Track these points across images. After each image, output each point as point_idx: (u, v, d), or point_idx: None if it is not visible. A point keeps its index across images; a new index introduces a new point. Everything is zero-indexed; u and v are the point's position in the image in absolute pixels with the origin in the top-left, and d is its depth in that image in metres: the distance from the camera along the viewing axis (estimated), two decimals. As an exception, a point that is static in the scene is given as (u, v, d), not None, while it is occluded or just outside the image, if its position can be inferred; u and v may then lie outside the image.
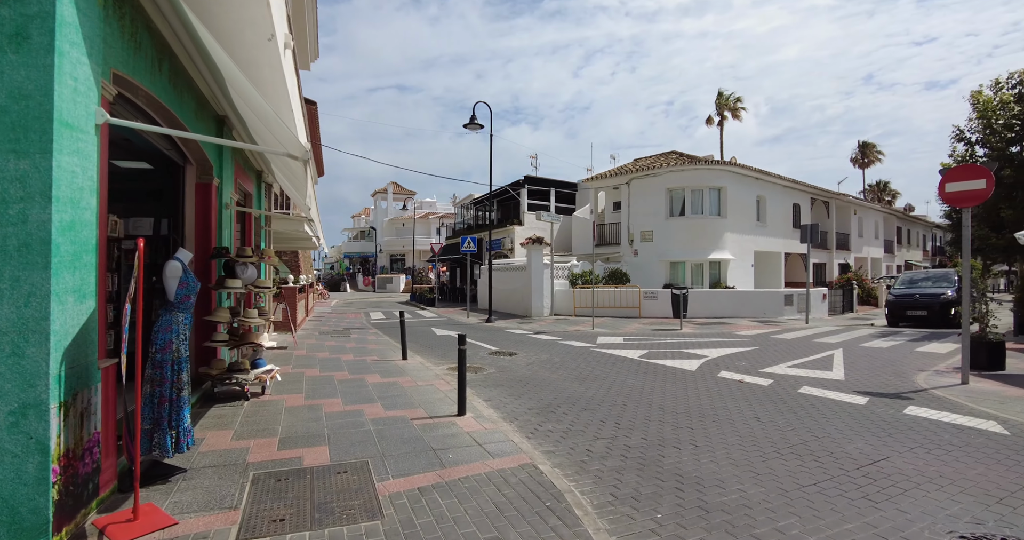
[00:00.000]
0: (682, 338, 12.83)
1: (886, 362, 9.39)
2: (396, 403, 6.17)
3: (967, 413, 5.99)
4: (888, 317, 16.42)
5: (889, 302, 16.58)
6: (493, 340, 12.65)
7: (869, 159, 61.12)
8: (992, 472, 4.25)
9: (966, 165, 7.56)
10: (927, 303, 15.54)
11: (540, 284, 18.47)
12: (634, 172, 21.56)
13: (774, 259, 24.09)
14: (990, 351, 8.54)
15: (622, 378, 8.03)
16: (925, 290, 16.14)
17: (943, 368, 8.71)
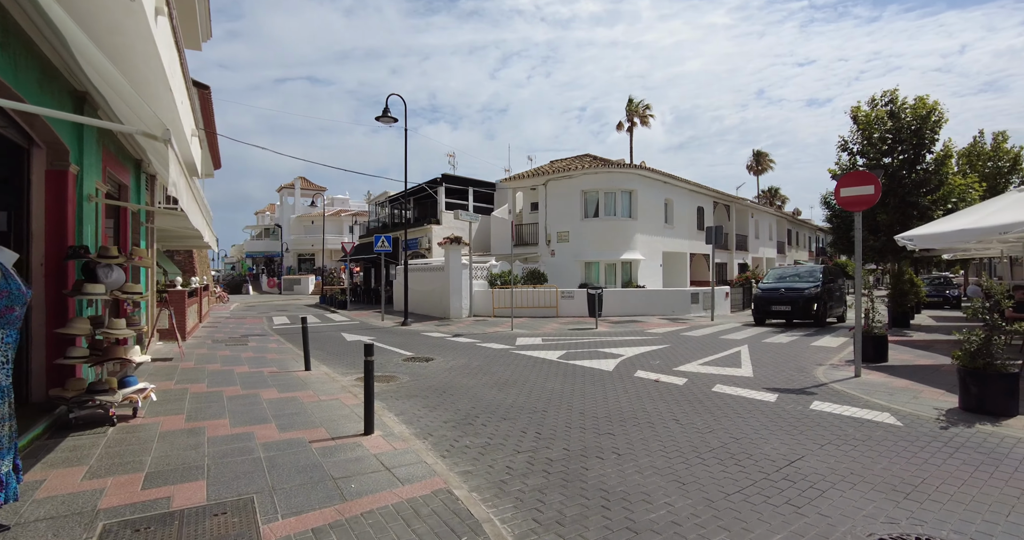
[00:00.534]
0: (598, 337, 12.90)
1: (787, 357, 9.89)
2: (294, 422, 5.49)
3: (864, 406, 6.31)
4: (754, 313, 16.08)
5: (756, 297, 16.25)
6: (408, 344, 12.04)
7: (762, 167, 66.31)
8: (895, 466, 4.38)
9: (858, 172, 8.05)
10: (791, 298, 15.23)
11: (459, 285, 18.01)
12: (551, 174, 21.67)
13: (680, 259, 25.21)
14: (875, 345, 9.21)
15: (542, 382, 7.79)
16: (790, 285, 15.94)
17: (837, 362, 9.29)
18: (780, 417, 5.86)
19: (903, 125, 15.15)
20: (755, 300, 16.21)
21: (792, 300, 15.25)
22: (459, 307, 18.02)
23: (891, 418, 5.80)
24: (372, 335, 14.06)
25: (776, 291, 15.82)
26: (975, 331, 6.12)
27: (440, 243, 18.20)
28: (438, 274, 19.09)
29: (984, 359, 5.89)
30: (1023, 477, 4.15)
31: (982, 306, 5.99)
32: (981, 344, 5.94)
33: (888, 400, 6.54)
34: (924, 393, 6.88)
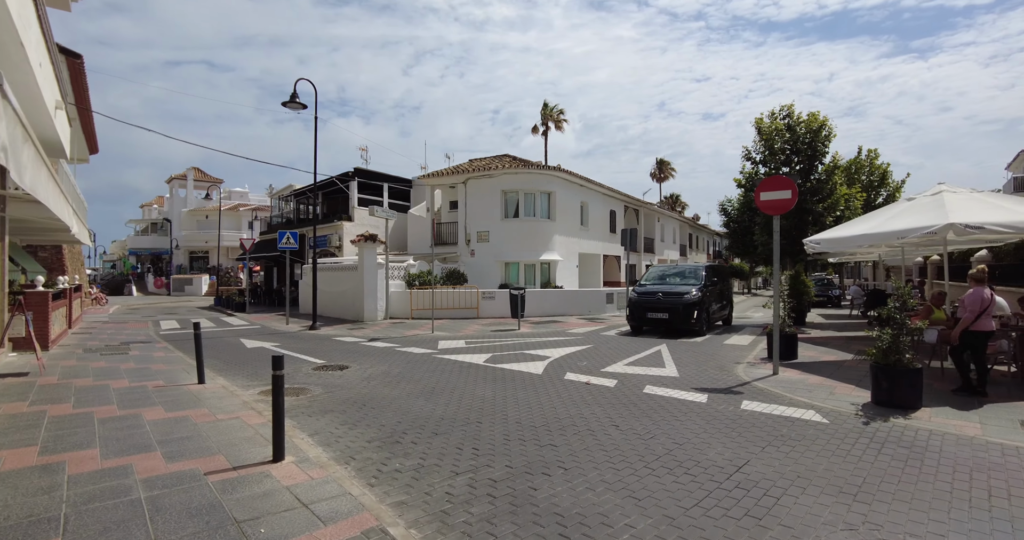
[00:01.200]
0: (522, 338, 12.64)
1: (706, 356, 10.14)
2: (185, 449, 4.61)
3: (789, 404, 6.46)
4: (630, 320, 13.79)
5: (631, 302, 13.82)
6: (319, 351, 11.06)
7: (665, 174, 70.14)
8: (835, 466, 4.40)
9: (777, 177, 8.36)
10: (670, 304, 13.07)
11: (374, 285, 17.03)
12: (471, 172, 21.21)
13: (594, 260, 25.74)
14: (787, 343, 9.66)
15: (471, 388, 7.31)
16: (670, 288, 13.72)
17: (753, 360, 9.63)
18: (716, 419, 5.82)
19: (799, 137, 16.31)
20: (630, 305, 13.74)
21: (671, 307, 13.02)
22: (374, 309, 17.05)
23: (816, 415, 5.95)
24: (276, 341, 12.83)
25: (653, 296, 13.51)
26: (885, 330, 6.47)
27: (353, 241, 17.13)
28: (351, 274, 17.97)
29: (895, 356, 6.22)
30: (946, 471, 4.30)
31: (894, 307, 6.32)
32: (891, 342, 6.27)
33: (809, 397, 6.77)
34: (837, 389, 7.22)
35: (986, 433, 5.26)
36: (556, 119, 49.92)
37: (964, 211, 7.54)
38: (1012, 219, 7.36)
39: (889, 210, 9.10)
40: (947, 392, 6.95)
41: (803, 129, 16.33)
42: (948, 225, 7.23)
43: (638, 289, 14.32)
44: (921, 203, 8.59)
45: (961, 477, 4.17)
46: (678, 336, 12.82)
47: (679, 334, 13.09)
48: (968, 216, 7.32)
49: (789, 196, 8.19)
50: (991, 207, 7.79)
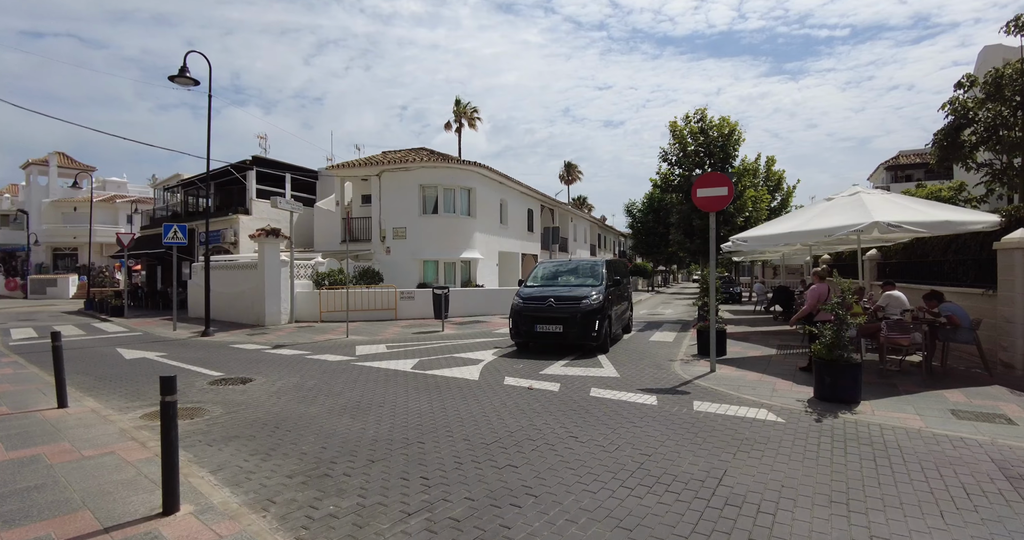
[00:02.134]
0: (449, 341, 11.87)
1: (638, 354, 9.98)
2: (31, 507, 3.44)
3: (738, 403, 6.30)
4: (514, 334, 10.42)
5: (514, 310, 10.49)
6: (215, 361, 9.61)
7: (572, 177, 71.98)
8: (811, 470, 4.16)
9: (713, 173, 8.32)
10: (564, 314, 9.91)
11: (277, 285, 15.40)
12: (386, 164, 19.99)
13: (513, 259, 25.43)
14: (718, 339, 9.71)
15: (404, 401, 6.49)
16: (563, 292, 10.53)
17: (685, 357, 9.59)
18: (673, 423, 5.48)
19: (712, 140, 16.93)
20: (513, 315, 10.42)
21: (566, 318, 9.86)
22: (277, 312, 15.43)
23: (771, 415, 5.81)
24: (162, 350, 11.08)
25: (543, 302, 10.23)
26: (826, 326, 6.52)
27: (253, 236, 15.40)
28: (250, 273, 16.16)
29: (838, 352, 6.27)
30: (915, 469, 4.21)
31: (837, 304, 6.37)
32: (834, 339, 6.32)
33: (754, 394, 6.68)
34: (777, 385, 7.22)
35: (928, 424, 5.35)
36: (470, 117, 49.26)
37: (884, 211, 7.88)
38: (923, 219, 7.80)
39: (810, 210, 9.45)
40: (873, 383, 7.19)
41: (715, 133, 16.97)
42: (873, 224, 7.49)
43: (523, 293, 10.69)
44: (840, 203, 8.95)
45: (932, 476, 4.07)
46: (577, 354, 9.84)
47: (577, 351, 10.09)
48: (889, 215, 7.65)
49: (725, 193, 8.16)
50: (904, 208, 8.23)
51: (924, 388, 6.96)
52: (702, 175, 8.44)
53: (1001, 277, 8.02)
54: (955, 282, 9.85)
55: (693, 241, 16.96)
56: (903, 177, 41.65)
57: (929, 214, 8.02)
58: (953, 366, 8.24)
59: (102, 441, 4.76)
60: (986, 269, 8.86)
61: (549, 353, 10.06)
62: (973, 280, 9.14)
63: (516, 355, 9.89)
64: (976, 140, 10.67)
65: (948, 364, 8.12)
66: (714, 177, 8.28)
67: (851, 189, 9.36)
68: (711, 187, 8.25)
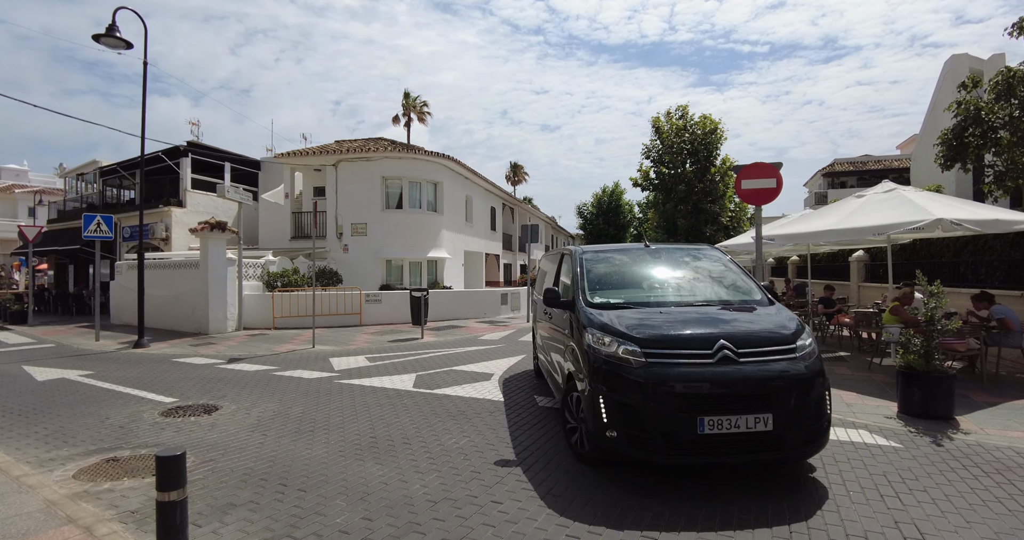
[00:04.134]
0: (435, 350, 10.45)
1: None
2: None
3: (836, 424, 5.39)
4: (596, 426, 3.83)
5: (610, 373, 3.85)
6: (160, 382, 7.75)
7: (519, 178, 71.39)
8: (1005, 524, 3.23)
9: (760, 163, 7.46)
10: (769, 381, 3.71)
11: (223, 287, 13.34)
12: (343, 153, 18.13)
13: (478, 259, 24.13)
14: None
15: (429, 433, 5.12)
16: (727, 320, 4.27)
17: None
18: (789, 456, 4.44)
19: (696, 138, 16.39)
20: (608, 385, 3.83)
21: (774, 393, 3.70)
22: (223, 318, 13.37)
23: (878, 437, 4.93)
24: (86, 367, 8.99)
25: (701, 347, 3.84)
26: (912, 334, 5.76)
27: (195, 230, 13.26)
28: (190, 273, 13.97)
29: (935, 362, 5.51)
30: None
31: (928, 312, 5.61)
32: (926, 348, 5.55)
33: (837, 411, 5.81)
34: (846, 398, 6.41)
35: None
36: (419, 111, 47.32)
37: (941, 208, 7.32)
38: (979, 217, 7.29)
39: (842, 207, 8.83)
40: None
41: (699, 130, 16.45)
42: (937, 221, 6.88)
43: (616, 322, 4.24)
44: (878, 200, 8.38)
45: None
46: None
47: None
48: (949, 213, 7.08)
49: (774, 185, 7.33)
50: (952, 207, 7.72)
51: (1001, 397, 6.36)
52: (747, 166, 7.56)
53: (1046, 278, 7.66)
54: (974, 284, 9.56)
55: (678, 241, 16.34)
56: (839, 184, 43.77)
57: (979, 213, 7.53)
58: (996, 371, 7.78)
59: (17, 527, 3.12)
60: (1016, 270, 8.56)
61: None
62: (1003, 281, 8.82)
63: (527, 367, 8.66)
64: (976, 142, 10.52)
65: (997, 371, 7.66)
66: (761, 168, 7.42)
67: (886, 185, 8.83)
68: (757, 179, 7.39)
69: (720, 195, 16.46)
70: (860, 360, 8.94)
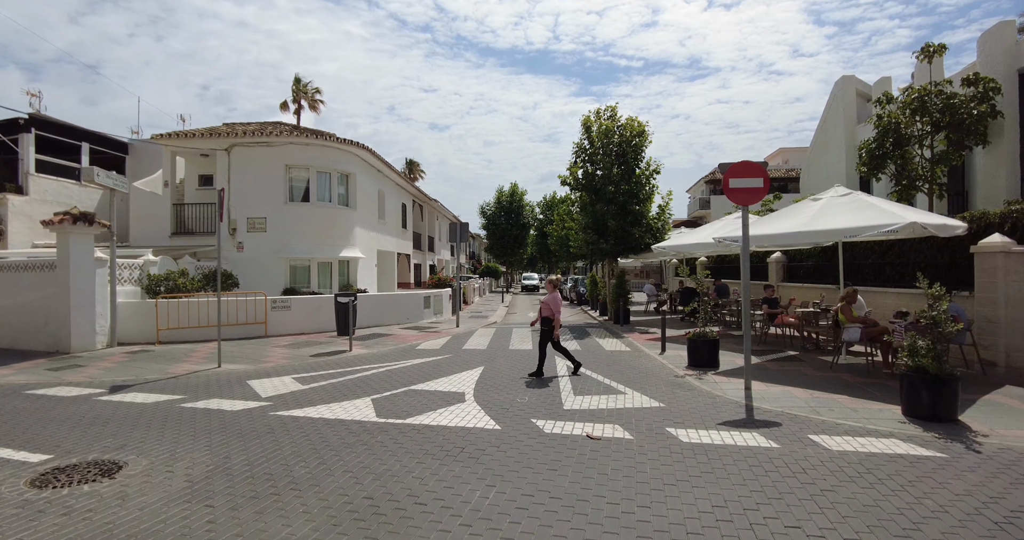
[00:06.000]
0: (375, 366, 9.07)
1: (630, 370, 8.51)
2: None
3: (851, 433, 5.10)
4: None
5: None
6: (16, 428, 5.70)
7: (415, 175, 69.32)
8: None
9: (747, 162, 7.16)
10: None
11: (90, 293, 10.72)
12: (238, 137, 15.70)
13: (390, 259, 22.49)
14: (710, 350, 8.68)
15: (447, 487, 4.00)
16: None
17: (684, 372, 8.35)
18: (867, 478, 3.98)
19: (625, 140, 16.35)
20: None
21: None
22: (90, 331, 10.75)
23: (914, 447, 4.70)
24: None
25: None
26: (914, 336, 5.70)
27: (50, 222, 10.49)
28: (39, 276, 11.08)
29: (947, 365, 5.45)
30: None
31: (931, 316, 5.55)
32: (932, 351, 5.49)
33: (841, 417, 5.58)
34: (844, 401, 6.25)
35: (1085, 449, 4.67)
36: (311, 98, 43.35)
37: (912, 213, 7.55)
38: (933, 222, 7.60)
39: (803, 210, 8.90)
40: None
41: (627, 132, 16.42)
42: (910, 224, 7.02)
43: None
44: (839, 203, 8.53)
45: None
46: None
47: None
48: (921, 218, 7.29)
49: (761, 185, 7.06)
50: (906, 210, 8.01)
51: (972, 393, 6.56)
52: (733, 164, 7.23)
53: (980, 279, 8.20)
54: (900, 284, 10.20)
55: (608, 241, 16.15)
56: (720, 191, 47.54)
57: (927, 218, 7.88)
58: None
59: None
60: (942, 271, 9.17)
61: (525, 370, 8.02)
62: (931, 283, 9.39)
63: (494, 383, 7.67)
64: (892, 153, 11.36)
65: (944, 366, 8.06)
66: (748, 167, 7.13)
67: (839, 190, 9.05)
68: (744, 177, 7.09)
69: (645, 198, 16.55)
70: (814, 360, 9.11)
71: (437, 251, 34.68)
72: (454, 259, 44.89)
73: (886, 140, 11.22)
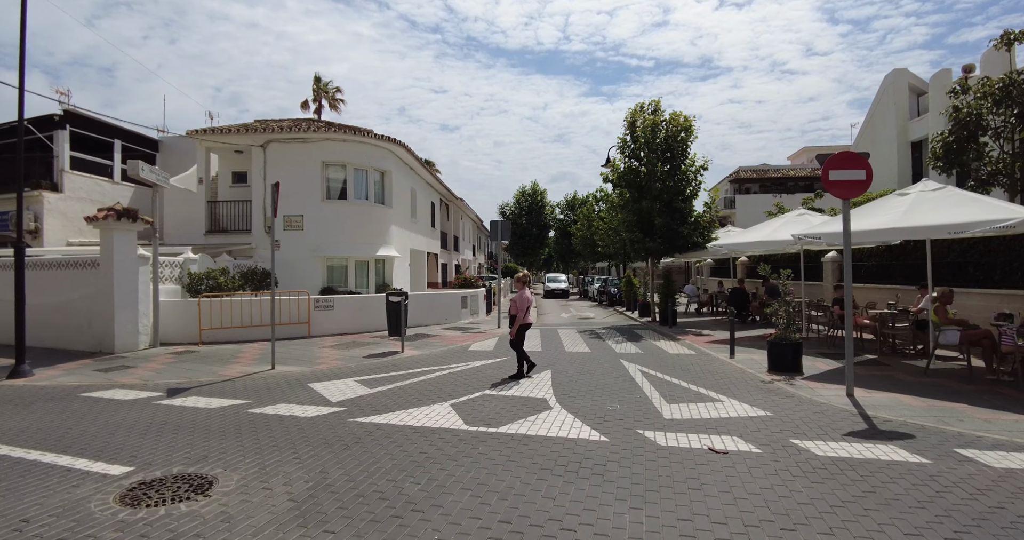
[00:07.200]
0: (433, 368, 8.64)
1: (709, 373, 8.00)
2: None
3: (1014, 448, 4.56)
4: None
5: None
6: (81, 436, 5.33)
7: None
8: None
9: (848, 153, 6.65)
10: None
11: (133, 291, 10.42)
12: (274, 132, 15.39)
13: (422, 259, 22.11)
14: (793, 353, 8.15)
15: (588, 510, 3.54)
16: None
17: (766, 377, 7.82)
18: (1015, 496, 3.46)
19: (671, 135, 15.81)
20: None
21: None
22: (133, 331, 10.45)
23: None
24: (-60, 413, 6.13)
25: None
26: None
27: (94, 218, 10.18)
28: (81, 275, 10.80)
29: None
30: None
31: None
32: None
33: (985, 429, 5.03)
34: (974, 413, 5.70)
35: None
36: (332, 97, 43.47)
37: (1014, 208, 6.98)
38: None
39: (890, 205, 8.31)
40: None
41: (673, 127, 15.87)
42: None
43: None
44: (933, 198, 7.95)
45: None
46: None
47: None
48: (1021, 212, 6.73)
49: (863, 177, 6.54)
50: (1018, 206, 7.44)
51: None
52: (834, 155, 6.72)
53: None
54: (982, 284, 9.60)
55: (654, 240, 15.60)
56: (744, 190, 46.67)
57: None
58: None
59: None
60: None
61: (599, 379, 7.55)
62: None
63: (571, 388, 7.21)
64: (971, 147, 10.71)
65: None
66: (850, 158, 6.61)
67: (929, 184, 8.46)
68: (845, 169, 6.57)
69: (692, 195, 15.99)
70: (898, 364, 8.54)
71: (461, 251, 34.31)
72: (474, 260, 44.61)
73: (962, 133, 10.58)
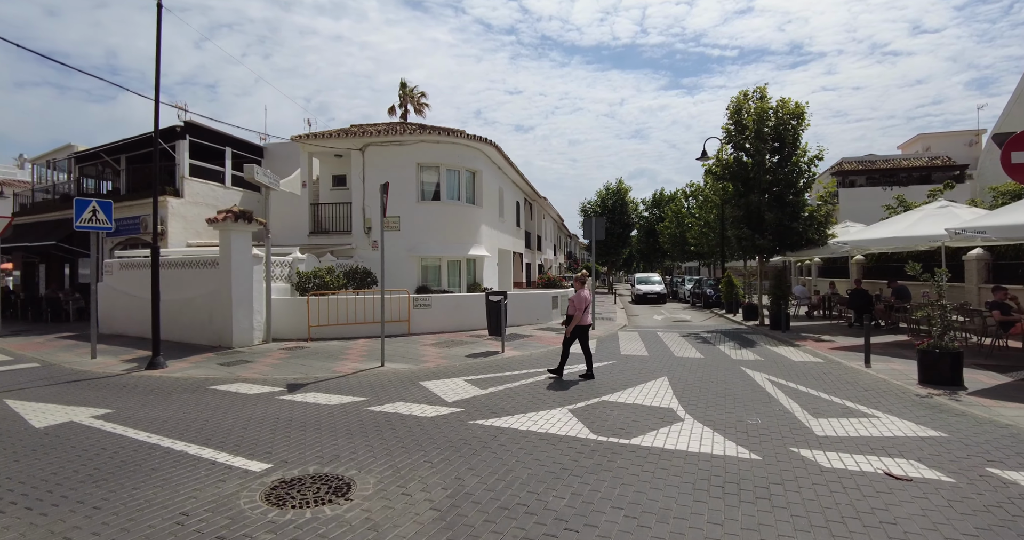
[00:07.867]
0: (537, 370, 8.34)
1: (849, 384, 7.12)
2: None
3: None
4: None
5: None
6: (217, 428, 5.49)
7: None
8: None
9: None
10: None
11: (248, 290, 10.97)
12: (372, 135, 15.82)
13: (508, 258, 22.02)
14: (952, 364, 7.09)
15: (742, 534, 3.07)
16: None
17: (922, 390, 6.83)
18: None
19: (781, 122, 14.62)
20: None
21: None
22: (248, 327, 11.00)
23: None
24: (96, 401, 6.61)
25: None
26: None
27: (214, 220, 10.84)
28: (206, 273, 11.55)
29: None
30: None
31: None
32: None
33: None
34: None
35: None
36: (417, 101, 44.69)
37: None
38: None
39: None
40: None
41: (783, 115, 14.65)
42: None
43: None
44: None
45: None
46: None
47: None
48: None
49: (1059, 155, 5.50)
50: None
51: None
52: (1016, 135, 5.71)
53: None
54: None
55: (764, 236, 14.48)
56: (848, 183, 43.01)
57: None
58: None
59: None
60: None
61: (722, 388, 6.90)
62: None
63: (698, 397, 6.64)
64: None
65: None
66: (1040, 132, 5.58)
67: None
68: (1034, 147, 5.55)
69: (804, 188, 14.69)
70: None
71: (543, 250, 34.06)
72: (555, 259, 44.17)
73: None
